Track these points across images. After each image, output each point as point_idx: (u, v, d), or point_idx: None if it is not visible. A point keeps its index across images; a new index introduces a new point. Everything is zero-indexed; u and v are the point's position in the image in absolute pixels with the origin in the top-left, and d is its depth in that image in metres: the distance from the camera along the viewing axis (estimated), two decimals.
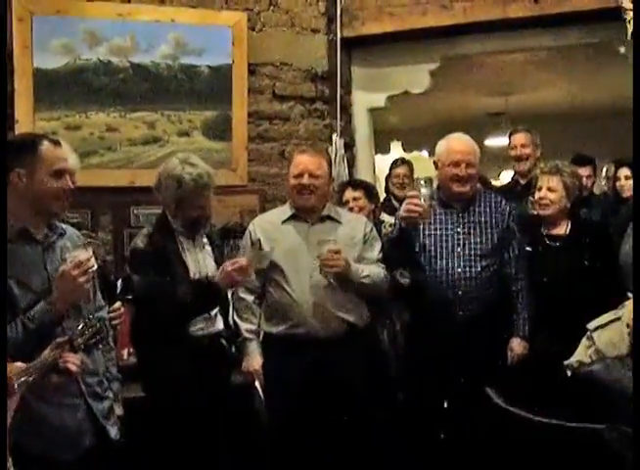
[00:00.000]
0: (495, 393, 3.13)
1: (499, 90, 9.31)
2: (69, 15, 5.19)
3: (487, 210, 4.17)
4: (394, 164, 6.37)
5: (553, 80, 8.69)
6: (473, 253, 4.08)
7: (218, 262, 3.90)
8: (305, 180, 3.94)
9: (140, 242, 3.84)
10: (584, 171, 5.70)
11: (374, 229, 4.17)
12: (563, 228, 4.22)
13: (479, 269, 4.05)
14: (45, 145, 2.88)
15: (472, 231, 4.11)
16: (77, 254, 2.83)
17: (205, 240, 3.98)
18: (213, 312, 3.91)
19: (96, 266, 2.89)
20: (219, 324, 3.97)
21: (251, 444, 4.08)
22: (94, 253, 2.92)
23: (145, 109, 5.36)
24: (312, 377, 3.85)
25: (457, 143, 4.18)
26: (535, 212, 4.28)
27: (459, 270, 4.05)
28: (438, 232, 4.14)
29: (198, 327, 3.82)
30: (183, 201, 3.78)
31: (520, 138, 5.50)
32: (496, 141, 9.96)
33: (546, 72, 8.10)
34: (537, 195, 4.22)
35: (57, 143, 2.94)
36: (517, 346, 4.10)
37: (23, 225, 2.85)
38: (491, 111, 10.14)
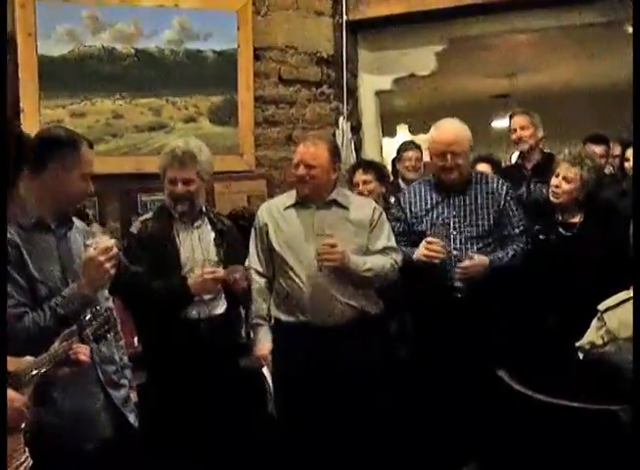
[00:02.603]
0: (507, 375, 3.12)
1: (506, 71, 9.28)
2: (73, 1, 5.17)
3: (482, 192, 4.18)
4: (404, 146, 6.35)
5: (559, 61, 8.65)
6: (468, 235, 4.11)
7: (223, 248, 3.93)
8: (300, 171, 3.93)
9: (134, 227, 3.92)
10: (598, 150, 5.71)
11: (382, 214, 4.11)
12: (577, 217, 4.19)
13: (474, 251, 4.06)
14: (85, 147, 2.96)
15: (466, 214, 4.14)
16: (101, 240, 2.87)
17: (208, 226, 3.98)
18: (208, 296, 3.87)
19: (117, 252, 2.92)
20: (219, 308, 3.94)
21: (258, 428, 4.09)
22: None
23: (150, 95, 5.35)
24: (320, 364, 3.83)
25: (442, 133, 4.19)
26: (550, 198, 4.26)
27: (455, 253, 4.05)
28: (433, 215, 4.18)
29: (191, 312, 3.83)
30: (164, 170, 3.88)
31: (518, 121, 5.50)
32: (503, 123, 9.93)
33: (553, 53, 8.05)
34: (553, 181, 4.20)
35: (91, 146, 3.02)
36: (477, 257, 4.04)
37: (41, 215, 2.87)
38: (498, 92, 10.10)
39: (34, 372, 2.44)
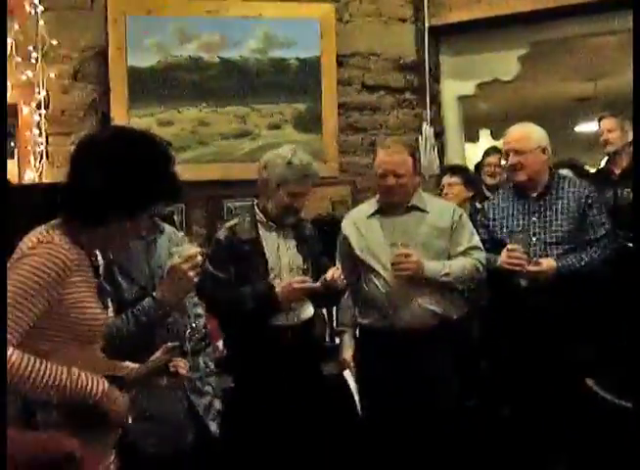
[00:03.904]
0: (596, 383, 3.10)
1: (589, 75, 9.12)
2: (160, 14, 5.32)
3: (563, 196, 4.10)
4: (486, 152, 6.32)
5: None
6: (547, 241, 4.03)
7: (305, 254, 3.87)
8: (390, 181, 3.89)
9: (221, 234, 3.86)
10: None
11: (463, 216, 4.07)
12: None
13: (554, 257, 3.97)
14: None
15: (546, 219, 4.07)
16: (186, 248, 2.91)
17: (292, 232, 3.91)
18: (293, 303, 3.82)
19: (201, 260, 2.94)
20: (305, 313, 3.87)
21: (344, 434, 4.11)
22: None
23: (236, 103, 5.43)
24: (401, 370, 3.84)
25: (508, 134, 4.23)
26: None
27: (535, 259, 3.95)
28: (514, 222, 4.14)
29: (280, 319, 3.77)
30: (286, 183, 3.71)
31: (606, 123, 5.45)
32: (587, 127, 9.80)
33: None
34: None
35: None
36: (545, 262, 3.93)
37: None
38: (581, 96, 9.94)
39: (137, 378, 2.49)
